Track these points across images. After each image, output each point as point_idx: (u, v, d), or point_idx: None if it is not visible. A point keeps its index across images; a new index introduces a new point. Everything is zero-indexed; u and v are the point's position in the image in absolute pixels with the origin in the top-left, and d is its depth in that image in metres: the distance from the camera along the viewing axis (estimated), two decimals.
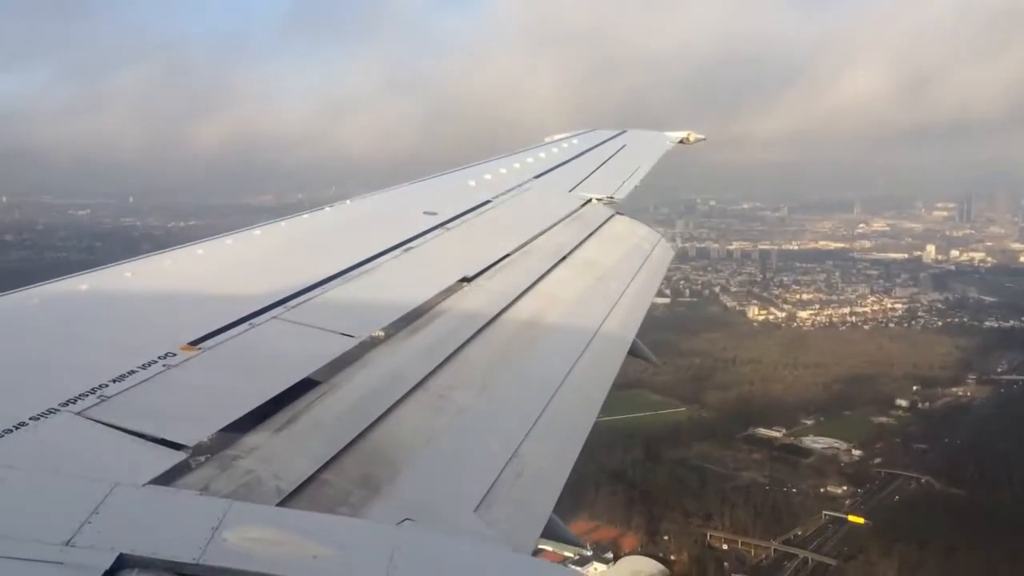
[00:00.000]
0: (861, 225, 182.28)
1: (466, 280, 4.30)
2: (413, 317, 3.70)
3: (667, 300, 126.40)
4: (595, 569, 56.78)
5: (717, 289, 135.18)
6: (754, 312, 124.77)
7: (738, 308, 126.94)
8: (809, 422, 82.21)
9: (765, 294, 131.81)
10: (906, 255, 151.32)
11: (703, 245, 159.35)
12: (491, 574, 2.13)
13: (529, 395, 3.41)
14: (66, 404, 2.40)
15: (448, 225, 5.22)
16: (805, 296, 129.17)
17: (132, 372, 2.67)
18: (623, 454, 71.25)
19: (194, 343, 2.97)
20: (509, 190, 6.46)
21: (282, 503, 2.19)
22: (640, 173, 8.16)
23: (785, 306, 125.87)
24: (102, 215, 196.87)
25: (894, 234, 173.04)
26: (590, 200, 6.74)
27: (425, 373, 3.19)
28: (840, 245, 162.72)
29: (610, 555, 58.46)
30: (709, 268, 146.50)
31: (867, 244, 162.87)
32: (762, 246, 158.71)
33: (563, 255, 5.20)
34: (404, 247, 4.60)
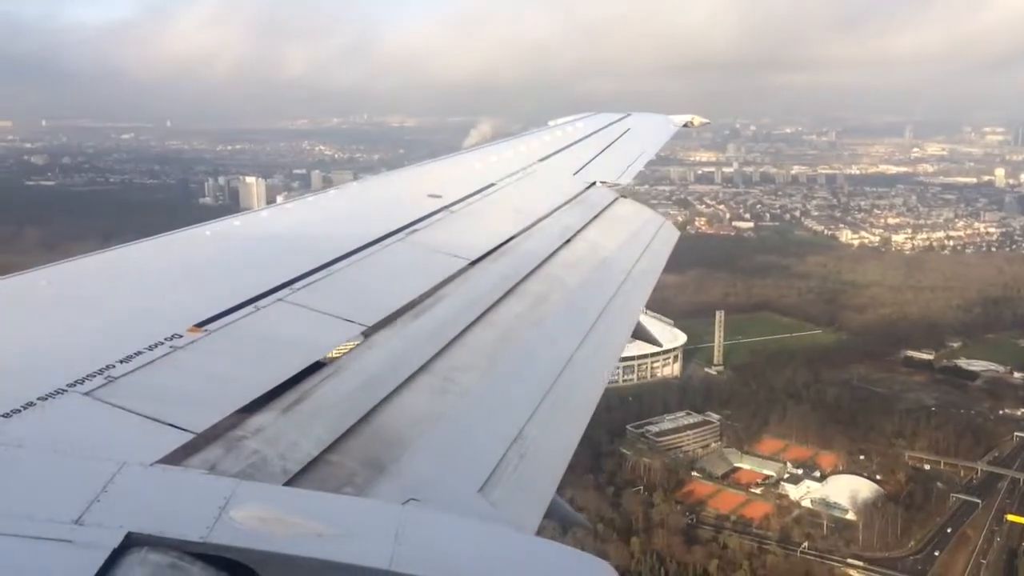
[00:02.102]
0: (915, 149, 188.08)
1: (470, 263, 4.33)
2: (418, 300, 3.72)
3: (751, 224, 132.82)
4: (807, 487, 58.86)
5: (797, 213, 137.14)
6: (847, 236, 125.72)
7: (827, 232, 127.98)
8: (955, 344, 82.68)
9: (849, 218, 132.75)
10: (975, 179, 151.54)
11: (762, 169, 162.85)
12: (495, 553, 2.15)
13: (533, 377, 3.43)
14: (74, 385, 2.42)
15: (453, 208, 5.23)
16: (891, 220, 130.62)
17: (139, 353, 2.68)
18: (792, 374, 72.81)
19: (200, 325, 2.97)
20: (513, 173, 6.48)
21: (288, 483, 2.22)
22: (645, 157, 8.16)
23: (875, 230, 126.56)
24: (146, 138, 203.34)
25: (954, 158, 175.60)
26: (594, 183, 6.75)
27: (430, 355, 3.23)
28: (902, 169, 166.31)
29: (817, 473, 60.01)
30: (779, 193, 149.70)
31: (929, 168, 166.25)
32: (822, 170, 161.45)
33: (567, 238, 5.23)
34: (409, 230, 4.62)
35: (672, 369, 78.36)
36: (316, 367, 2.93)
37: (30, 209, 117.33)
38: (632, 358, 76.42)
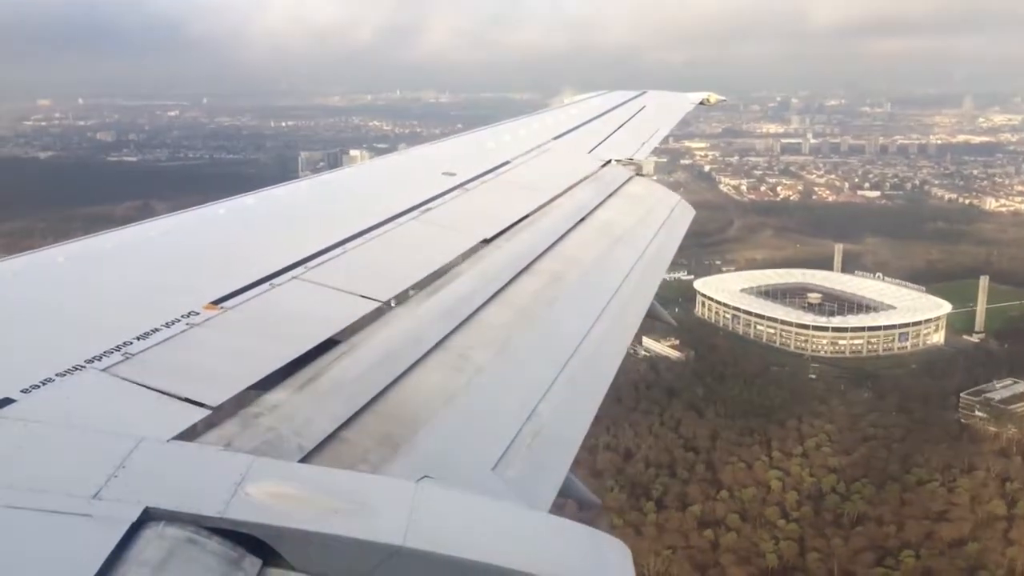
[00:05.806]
0: (981, 119, 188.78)
1: (485, 241, 4.32)
2: (432, 278, 3.72)
3: (876, 194, 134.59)
4: None
5: (918, 182, 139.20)
6: (990, 204, 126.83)
7: (962, 200, 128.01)
8: None
9: (975, 186, 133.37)
10: None
11: (837, 141, 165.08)
12: (508, 531, 2.15)
13: (547, 355, 3.42)
14: (92, 361, 2.43)
15: (467, 186, 5.21)
16: (1020, 187, 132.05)
17: (156, 330, 2.69)
18: None
19: (216, 302, 2.99)
20: (528, 151, 6.44)
21: (303, 460, 2.22)
22: (660, 134, 8.08)
23: (1015, 197, 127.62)
24: (195, 116, 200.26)
25: None
26: (610, 161, 6.69)
27: (444, 333, 3.22)
28: (984, 139, 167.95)
29: None
30: (881, 163, 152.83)
31: (1011, 137, 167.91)
32: (901, 141, 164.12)
33: (582, 217, 5.19)
34: (423, 208, 4.60)
35: (939, 336, 78.99)
36: (331, 344, 2.93)
37: (132, 185, 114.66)
38: (907, 325, 77.58)
